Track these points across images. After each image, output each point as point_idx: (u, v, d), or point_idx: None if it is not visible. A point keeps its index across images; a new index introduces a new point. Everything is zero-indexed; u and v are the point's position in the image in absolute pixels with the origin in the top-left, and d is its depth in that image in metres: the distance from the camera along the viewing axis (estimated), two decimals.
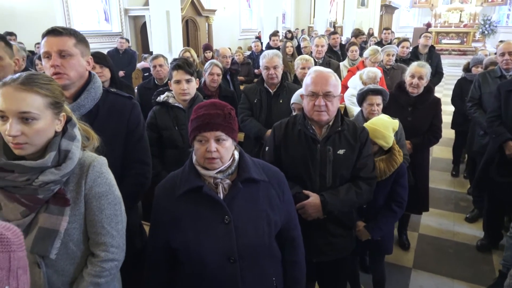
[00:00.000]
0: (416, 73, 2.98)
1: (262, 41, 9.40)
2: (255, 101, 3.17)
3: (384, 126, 2.18)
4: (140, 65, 7.72)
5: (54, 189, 1.19)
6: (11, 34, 6.20)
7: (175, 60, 2.62)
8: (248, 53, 8.71)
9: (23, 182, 1.15)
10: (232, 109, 1.37)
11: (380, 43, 6.92)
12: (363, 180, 1.94)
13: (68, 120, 1.28)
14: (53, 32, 1.55)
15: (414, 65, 3.05)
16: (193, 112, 1.35)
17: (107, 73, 2.91)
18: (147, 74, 6.80)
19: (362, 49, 5.63)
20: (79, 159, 1.26)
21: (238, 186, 1.34)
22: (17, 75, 1.16)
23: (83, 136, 1.34)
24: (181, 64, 2.44)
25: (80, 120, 1.40)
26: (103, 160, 1.33)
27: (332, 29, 10.75)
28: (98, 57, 2.80)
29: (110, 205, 1.30)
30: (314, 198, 1.87)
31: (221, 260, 1.32)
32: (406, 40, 5.49)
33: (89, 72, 1.70)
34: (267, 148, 2.05)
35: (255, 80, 5.54)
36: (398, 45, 5.32)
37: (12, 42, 2.13)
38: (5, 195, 1.17)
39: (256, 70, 6.61)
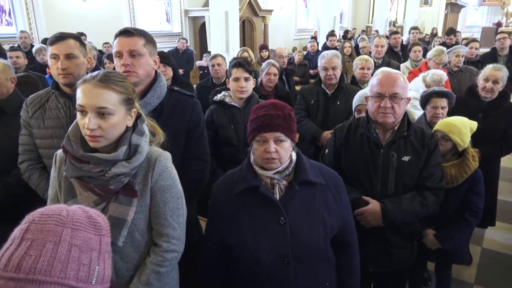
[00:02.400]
0: (491, 76, 2.76)
1: (318, 41, 9.29)
2: (312, 102, 3.13)
3: (462, 123, 2.07)
4: (197, 63, 7.99)
5: (124, 181, 1.27)
6: (81, 34, 6.66)
7: (235, 58, 2.68)
8: (304, 53, 8.64)
9: (97, 173, 1.23)
10: (292, 110, 1.36)
11: (444, 45, 6.53)
12: (429, 190, 1.81)
13: (138, 116, 1.35)
14: (125, 32, 1.64)
15: (489, 67, 2.82)
16: (252, 112, 1.36)
17: (170, 72, 3.03)
18: (202, 72, 7.02)
19: (425, 50, 5.35)
20: (147, 153, 1.33)
21: (294, 188, 1.33)
22: (95, 73, 1.25)
23: (150, 132, 1.40)
24: (241, 62, 2.49)
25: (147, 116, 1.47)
26: (168, 155, 1.39)
27: (394, 29, 10.36)
28: (162, 57, 2.90)
29: (173, 199, 1.36)
30: (374, 205, 1.79)
31: (275, 260, 1.31)
32: (475, 40, 5.14)
33: (155, 71, 1.77)
34: (326, 151, 1.98)
35: (311, 81, 5.48)
36: (466, 45, 4.99)
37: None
38: (80, 184, 1.27)
39: (311, 71, 6.53)
